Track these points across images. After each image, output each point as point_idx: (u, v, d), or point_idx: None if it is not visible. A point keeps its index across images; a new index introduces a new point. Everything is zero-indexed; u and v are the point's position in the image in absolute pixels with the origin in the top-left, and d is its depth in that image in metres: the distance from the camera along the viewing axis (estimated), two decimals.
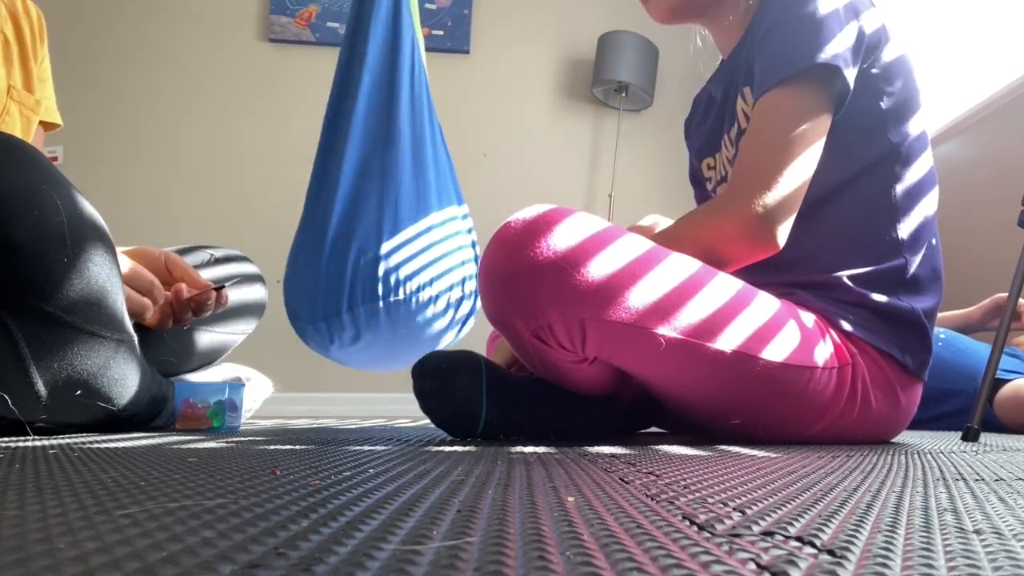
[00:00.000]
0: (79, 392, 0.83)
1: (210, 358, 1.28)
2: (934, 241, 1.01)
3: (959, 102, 2.38)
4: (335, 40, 3.18)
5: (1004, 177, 2.08)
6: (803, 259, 0.97)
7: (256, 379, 1.37)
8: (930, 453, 0.79)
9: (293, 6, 3.20)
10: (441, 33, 3.24)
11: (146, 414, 0.97)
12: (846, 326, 0.93)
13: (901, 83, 0.97)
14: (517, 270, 0.79)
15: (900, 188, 0.97)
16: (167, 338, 1.16)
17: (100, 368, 0.84)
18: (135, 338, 0.90)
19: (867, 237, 0.97)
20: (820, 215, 0.97)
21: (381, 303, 1.39)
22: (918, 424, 1.67)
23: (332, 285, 1.38)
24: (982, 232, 2.17)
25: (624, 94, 3.16)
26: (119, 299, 0.86)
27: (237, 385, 1.04)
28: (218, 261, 1.29)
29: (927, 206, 0.99)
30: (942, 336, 1.78)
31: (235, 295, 1.27)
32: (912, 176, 0.98)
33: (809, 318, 0.91)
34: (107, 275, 0.83)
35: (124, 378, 0.88)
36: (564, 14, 3.37)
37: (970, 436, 1.06)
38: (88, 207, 0.82)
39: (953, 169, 2.40)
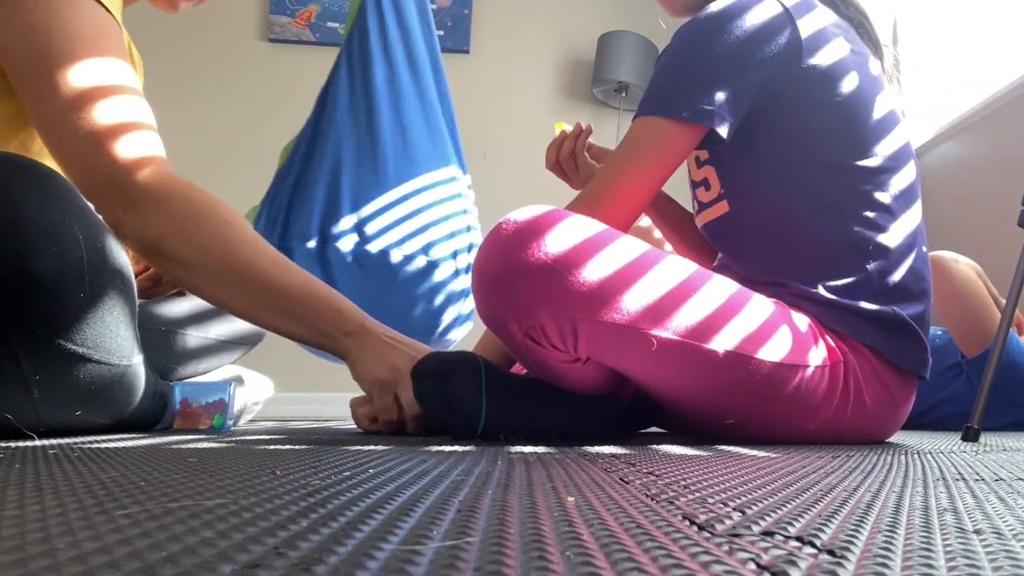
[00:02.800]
0: (79, 412, 0.83)
1: (217, 364, 1.28)
2: (924, 249, 1.01)
3: (959, 102, 2.38)
4: (335, 40, 3.18)
5: (1004, 177, 2.08)
6: (781, 279, 0.97)
7: (256, 379, 1.37)
8: (930, 453, 0.79)
9: (293, 6, 3.20)
10: (441, 33, 3.24)
11: (147, 421, 0.97)
12: (836, 326, 0.92)
13: (850, 94, 0.97)
14: (509, 271, 0.79)
15: (878, 198, 0.96)
16: (169, 342, 1.16)
17: (105, 392, 0.84)
18: (142, 357, 0.90)
19: (843, 250, 0.96)
20: (790, 231, 0.97)
21: (351, 252, 1.42)
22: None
23: (304, 207, 1.44)
24: (982, 232, 2.17)
25: (624, 94, 3.16)
26: (132, 326, 0.86)
27: (230, 384, 1.04)
28: None
29: (910, 217, 0.99)
30: (939, 333, 1.78)
31: None
32: (893, 187, 0.97)
33: (802, 320, 0.91)
34: (122, 306, 0.83)
35: (127, 397, 0.88)
36: (564, 14, 3.37)
37: (970, 436, 1.06)
38: (110, 237, 0.82)
39: (953, 169, 2.40)
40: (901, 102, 1.05)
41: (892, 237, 0.96)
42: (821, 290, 0.94)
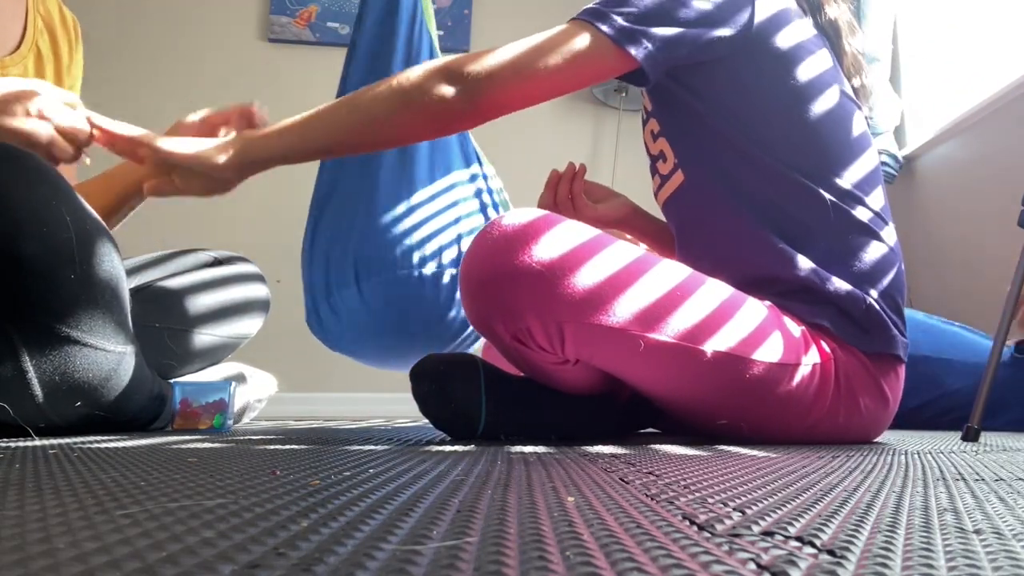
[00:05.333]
0: (79, 403, 0.83)
1: (211, 360, 1.28)
2: (891, 233, 0.99)
3: (959, 102, 2.38)
4: (335, 40, 3.18)
5: (1004, 177, 2.08)
6: (765, 276, 0.96)
7: (259, 377, 1.37)
8: (930, 453, 0.79)
9: (293, 6, 3.20)
10: (441, 33, 3.24)
11: (145, 417, 0.97)
12: (823, 322, 0.92)
13: (805, 73, 0.96)
14: (495, 274, 0.79)
15: (834, 178, 0.95)
16: (168, 340, 1.16)
17: (101, 380, 0.84)
18: (137, 346, 0.90)
19: (792, 221, 0.95)
20: (741, 200, 0.96)
21: (383, 276, 1.39)
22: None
23: (340, 259, 1.39)
24: (982, 232, 2.17)
25: (624, 94, 3.16)
26: (125, 312, 0.86)
27: (231, 384, 1.04)
28: (219, 262, 1.29)
29: (874, 199, 0.97)
30: (955, 328, 1.78)
31: (236, 294, 1.26)
32: (851, 173, 0.96)
33: (793, 323, 0.90)
34: (113, 289, 0.83)
35: (124, 388, 0.88)
36: (564, 14, 3.37)
37: (970, 436, 1.06)
38: (96, 219, 0.82)
39: (953, 169, 2.40)
40: (900, 111, 1.04)
41: (862, 214, 0.95)
42: (805, 282, 0.93)
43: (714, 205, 1.00)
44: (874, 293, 0.94)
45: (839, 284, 0.92)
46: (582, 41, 0.90)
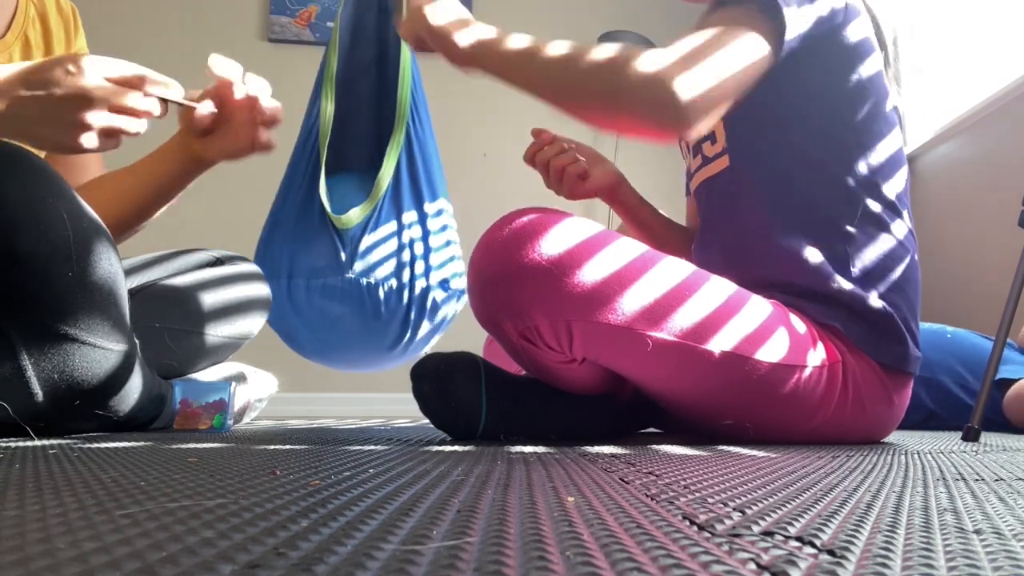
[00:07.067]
0: (78, 402, 0.83)
1: (213, 360, 1.28)
2: (901, 226, 0.99)
3: (959, 102, 2.38)
4: None
5: (1004, 177, 2.08)
6: (781, 278, 0.96)
7: (259, 376, 1.37)
8: (930, 453, 0.79)
9: (293, 6, 3.20)
10: None
11: (145, 417, 0.97)
12: (834, 324, 0.92)
13: (863, 70, 0.96)
14: (504, 272, 0.79)
15: (864, 171, 0.95)
16: (169, 340, 1.16)
17: (100, 379, 0.84)
18: (136, 345, 0.90)
19: (833, 221, 0.95)
20: (784, 193, 0.97)
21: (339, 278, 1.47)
22: None
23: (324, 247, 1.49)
24: (982, 232, 2.17)
25: None
26: (123, 310, 0.86)
27: (231, 384, 1.04)
28: (220, 262, 1.29)
29: (894, 184, 0.98)
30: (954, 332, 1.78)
31: (237, 293, 1.26)
32: (876, 157, 0.97)
33: (799, 321, 0.90)
34: (110, 288, 0.83)
35: (124, 387, 0.88)
36: (564, 14, 3.37)
37: (970, 436, 1.06)
38: (94, 218, 0.82)
39: (953, 169, 2.40)
40: (901, 102, 1.05)
41: (878, 209, 0.95)
42: (820, 285, 0.93)
43: (749, 196, 1.00)
44: (882, 291, 0.94)
45: (851, 286, 0.92)
46: (763, 54, 0.85)
